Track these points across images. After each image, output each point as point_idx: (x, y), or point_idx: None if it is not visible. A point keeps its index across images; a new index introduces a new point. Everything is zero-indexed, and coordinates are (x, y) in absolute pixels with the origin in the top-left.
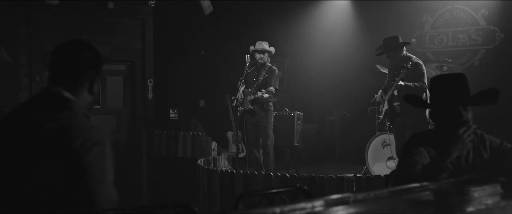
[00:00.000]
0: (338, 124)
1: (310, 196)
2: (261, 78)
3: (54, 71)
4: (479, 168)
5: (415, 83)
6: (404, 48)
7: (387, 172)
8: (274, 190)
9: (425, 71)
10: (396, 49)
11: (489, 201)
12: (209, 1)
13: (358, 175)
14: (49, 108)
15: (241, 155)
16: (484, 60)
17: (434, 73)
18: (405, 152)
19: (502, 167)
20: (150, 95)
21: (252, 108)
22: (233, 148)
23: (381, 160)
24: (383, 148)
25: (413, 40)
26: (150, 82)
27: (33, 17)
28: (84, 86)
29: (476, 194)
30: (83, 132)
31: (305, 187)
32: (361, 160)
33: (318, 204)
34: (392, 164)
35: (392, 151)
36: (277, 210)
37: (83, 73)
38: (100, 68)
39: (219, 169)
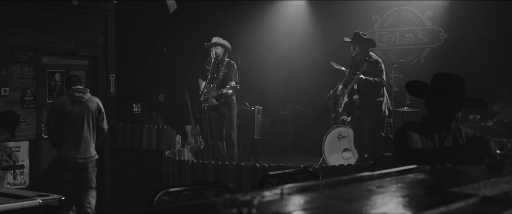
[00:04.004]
0: (291, 118)
1: (317, 177)
2: (222, 74)
3: None
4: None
5: (375, 79)
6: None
7: (343, 162)
8: (288, 172)
9: (384, 69)
10: (365, 44)
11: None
12: (173, 0)
13: (323, 165)
14: None
15: (201, 147)
16: (429, 58)
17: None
18: (401, 136)
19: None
20: (112, 90)
21: (217, 103)
22: (191, 141)
23: (337, 151)
24: (339, 140)
25: None
26: (112, 77)
27: (1, 12)
28: None
29: (466, 174)
30: None
31: (311, 169)
32: (314, 152)
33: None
34: (348, 155)
35: (349, 142)
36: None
37: None
38: None
39: (190, 160)
